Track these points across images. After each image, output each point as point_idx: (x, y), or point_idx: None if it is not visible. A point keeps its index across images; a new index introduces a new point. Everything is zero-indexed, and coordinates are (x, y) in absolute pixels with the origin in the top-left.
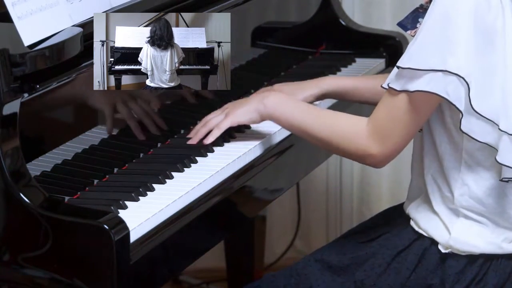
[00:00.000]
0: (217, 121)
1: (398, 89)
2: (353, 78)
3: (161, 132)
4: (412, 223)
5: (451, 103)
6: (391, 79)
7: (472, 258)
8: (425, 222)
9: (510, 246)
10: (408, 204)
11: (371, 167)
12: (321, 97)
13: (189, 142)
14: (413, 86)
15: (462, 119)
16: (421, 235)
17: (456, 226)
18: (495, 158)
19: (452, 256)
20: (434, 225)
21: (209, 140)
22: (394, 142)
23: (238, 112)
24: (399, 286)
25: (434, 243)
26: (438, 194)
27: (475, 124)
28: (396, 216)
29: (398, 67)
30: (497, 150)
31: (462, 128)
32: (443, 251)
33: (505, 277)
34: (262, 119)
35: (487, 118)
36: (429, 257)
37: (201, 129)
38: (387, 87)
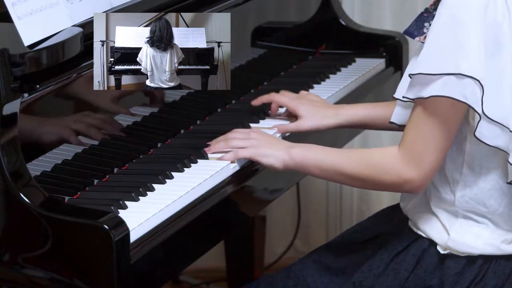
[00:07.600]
0: (239, 144)
1: (412, 97)
2: (370, 107)
3: (161, 132)
4: (410, 224)
5: (470, 106)
6: (402, 89)
7: (471, 259)
8: (423, 223)
9: (509, 247)
10: (405, 204)
11: (410, 193)
12: (337, 127)
13: (206, 149)
14: (427, 92)
15: (479, 123)
16: (419, 236)
17: (455, 227)
18: (508, 161)
19: (451, 257)
20: (433, 226)
21: (222, 159)
22: (428, 162)
23: (262, 152)
24: (397, 287)
25: (432, 244)
26: (437, 195)
27: (485, 128)
28: (394, 216)
29: (410, 76)
30: (508, 153)
31: (476, 133)
32: (441, 252)
33: (504, 278)
34: (286, 169)
35: (497, 122)
36: (427, 258)
37: (220, 144)
38: (399, 98)
